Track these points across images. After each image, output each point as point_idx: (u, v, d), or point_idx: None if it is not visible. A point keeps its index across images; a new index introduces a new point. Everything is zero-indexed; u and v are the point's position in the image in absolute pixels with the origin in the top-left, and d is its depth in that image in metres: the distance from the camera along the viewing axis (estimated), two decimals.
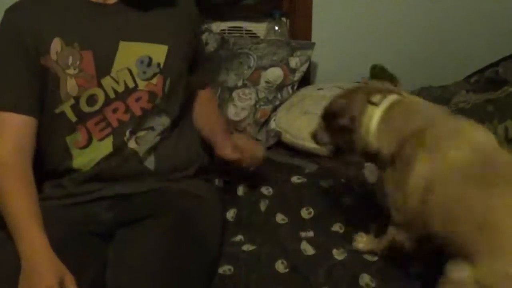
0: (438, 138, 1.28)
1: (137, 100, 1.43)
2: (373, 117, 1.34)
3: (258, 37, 2.39)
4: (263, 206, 1.68)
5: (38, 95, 1.38)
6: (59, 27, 1.38)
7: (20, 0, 1.42)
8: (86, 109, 1.40)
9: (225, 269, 1.42)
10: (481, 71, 2.17)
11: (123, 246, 1.33)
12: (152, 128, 1.45)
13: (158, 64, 1.44)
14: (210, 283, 1.39)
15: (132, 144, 1.42)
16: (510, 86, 2.00)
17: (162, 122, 1.47)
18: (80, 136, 1.41)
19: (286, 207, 1.67)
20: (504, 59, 2.15)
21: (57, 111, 1.40)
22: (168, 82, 1.46)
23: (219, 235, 1.49)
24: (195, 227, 1.38)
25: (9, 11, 1.40)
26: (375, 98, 1.36)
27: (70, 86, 1.38)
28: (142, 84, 1.43)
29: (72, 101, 1.39)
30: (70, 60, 1.37)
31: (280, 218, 1.64)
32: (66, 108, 1.40)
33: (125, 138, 1.42)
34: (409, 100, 1.38)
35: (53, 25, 1.38)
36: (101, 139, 1.41)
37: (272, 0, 2.40)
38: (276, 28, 2.36)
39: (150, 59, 1.44)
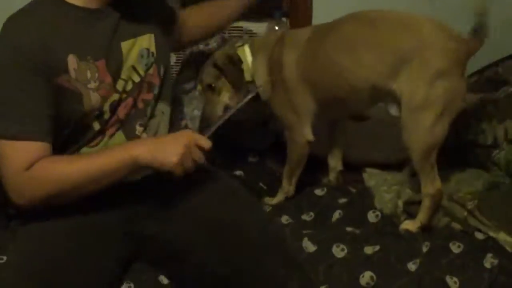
0: (293, 35, 1.78)
1: (139, 93, 1.45)
2: (245, 50, 1.81)
3: None
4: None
5: (51, 119, 1.31)
6: (69, 43, 1.32)
7: (22, 22, 1.31)
8: (107, 115, 1.40)
9: None
10: (481, 71, 2.17)
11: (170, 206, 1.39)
12: (154, 116, 1.49)
13: (152, 54, 1.47)
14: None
15: (144, 136, 1.46)
16: (510, 86, 2.00)
17: (161, 109, 1.51)
18: (97, 140, 1.42)
19: (288, 211, 1.71)
20: (504, 59, 2.15)
21: (83, 124, 1.38)
22: (161, 68, 1.49)
23: None
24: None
25: (14, 33, 1.29)
26: (238, 43, 1.85)
27: (94, 99, 1.36)
28: (143, 76, 1.46)
29: (96, 112, 1.38)
30: (89, 75, 1.34)
31: (284, 219, 1.67)
32: (91, 120, 1.39)
33: (137, 132, 1.45)
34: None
35: (63, 42, 1.31)
36: (111, 136, 1.43)
37: (272, 0, 2.40)
38: (276, 28, 2.36)
39: (148, 50, 1.46)
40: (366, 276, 1.39)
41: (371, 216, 1.66)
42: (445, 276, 1.39)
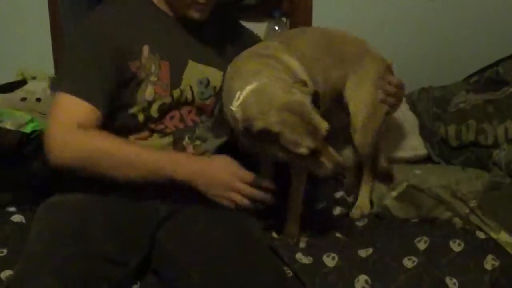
0: (266, 44, 1.62)
1: (189, 112, 1.52)
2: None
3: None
4: None
5: (108, 94, 1.40)
6: (147, 35, 1.45)
7: (110, 9, 1.48)
8: (154, 114, 1.47)
9: None
10: (481, 71, 2.17)
11: (182, 222, 1.41)
12: (204, 140, 1.55)
13: (214, 88, 1.54)
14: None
15: (190, 150, 1.51)
16: (510, 87, 2.00)
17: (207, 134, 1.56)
18: (144, 133, 1.48)
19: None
20: (504, 59, 2.15)
21: (131, 111, 1.45)
22: (217, 106, 1.56)
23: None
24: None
25: (103, 14, 1.46)
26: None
27: (149, 91, 1.44)
28: (198, 102, 1.52)
29: (145, 105, 1.45)
30: (153, 68, 1.44)
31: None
32: (137, 110, 1.45)
33: (185, 143, 1.51)
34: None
35: (143, 33, 1.45)
36: (162, 136, 1.49)
37: (272, 0, 2.40)
38: (276, 28, 2.35)
39: (208, 82, 1.53)
40: (361, 280, 1.38)
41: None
42: (445, 277, 1.39)
